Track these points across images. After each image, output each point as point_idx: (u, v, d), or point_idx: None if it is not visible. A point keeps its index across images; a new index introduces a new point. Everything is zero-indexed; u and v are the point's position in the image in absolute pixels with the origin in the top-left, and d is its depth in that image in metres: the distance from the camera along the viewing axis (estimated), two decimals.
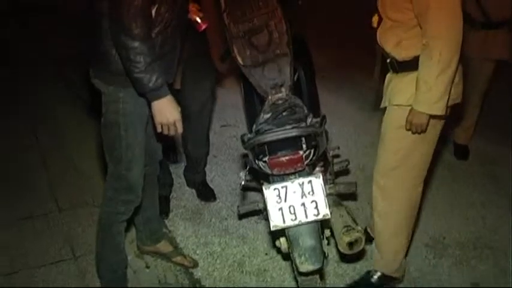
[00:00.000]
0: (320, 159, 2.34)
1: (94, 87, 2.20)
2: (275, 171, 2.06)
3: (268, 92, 2.34)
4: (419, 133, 2.20)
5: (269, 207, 2.08)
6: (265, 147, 2.07)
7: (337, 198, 2.36)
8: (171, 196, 3.25)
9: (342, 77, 4.96)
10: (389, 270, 2.56)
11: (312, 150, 2.06)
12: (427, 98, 2.07)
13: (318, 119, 2.19)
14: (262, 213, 2.32)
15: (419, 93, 2.09)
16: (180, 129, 2.10)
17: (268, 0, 2.40)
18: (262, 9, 2.41)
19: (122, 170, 2.23)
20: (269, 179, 2.16)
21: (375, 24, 2.34)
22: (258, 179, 2.34)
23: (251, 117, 2.86)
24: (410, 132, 2.22)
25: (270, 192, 2.08)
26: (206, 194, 3.31)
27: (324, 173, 2.57)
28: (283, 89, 2.33)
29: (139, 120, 2.18)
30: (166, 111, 2.03)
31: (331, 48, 5.24)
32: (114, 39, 1.95)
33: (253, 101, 2.85)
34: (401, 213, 2.43)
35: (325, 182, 2.34)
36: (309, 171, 2.14)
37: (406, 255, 2.60)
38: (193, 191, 3.36)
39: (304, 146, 2.06)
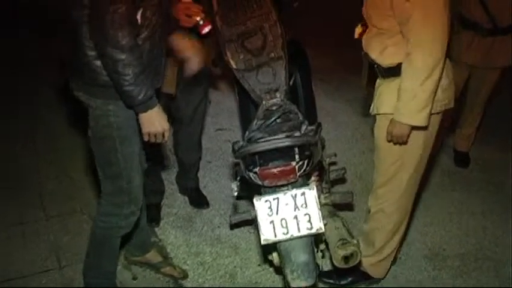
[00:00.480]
0: (315, 169, 2.23)
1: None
2: (266, 183, 1.97)
3: (262, 97, 2.25)
4: (400, 144, 2.16)
5: (260, 220, 2.00)
6: (256, 157, 1.98)
7: (332, 209, 2.27)
8: (162, 203, 3.15)
9: (339, 79, 4.86)
10: (375, 272, 2.54)
11: (306, 161, 1.97)
12: (408, 108, 2.03)
13: (313, 127, 2.11)
14: (254, 223, 2.20)
15: (400, 103, 2.04)
16: (167, 138, 2.02)
17: (263, 2, 2.33)
18: (256, 11, 2.33)
19: (123, 184, 2.11)
20: (260, 190, 2.07)
21: (357, 35, 2.30)
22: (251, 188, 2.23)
23: (245, 123, 2.75)
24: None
25: (261, 205, 1.99)
26: (199, 200, 3.20)
27: (320, 181, 2.48)
28: (277, 94, 2.25)
29: (133, 130, 2.06)
30: (156, 121, 1.94)
31: (329, 50, 5.14)
32: (99, 51, 1.82)
33: (247, 106, 2.73)
34: (398, 216, 2.40)
35: (321, 191, 2.28)
36: (302, 182, 2.05)
37: (395, 260, 2.59)
38: (186, 197, 3.25)
39: (297, 156, 1.97)
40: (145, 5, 1.85)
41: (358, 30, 2.30)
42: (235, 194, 2.07)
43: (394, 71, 2.10)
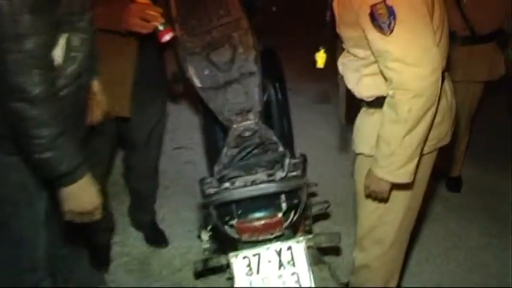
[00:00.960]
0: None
1: None
2: (245, 237, 1.73)
3: (232, 120, 2.04)
4: (379, 201, 1.91)
5: (236, 281, 1.75)
6: (233, 206, 1.73)
7: (317, 253, 2.04)
8: (112, 242, 2.86)
9: (313, 90, 4.64)
10: None
11: (293, 210, 1.75)
12: (389, 163, 1.73)
13: (297, 160, 1.88)
14: (225, 270, 1.96)
15: (380, 155, 1.74)
16: (98, 217, 1.64)
17: (231, 7, 2.12)
18: (224, 18, 2.12)
19: (24, 252, 1.80)
20: (237, 243, 1.82)
21: (320, 64, 2.00)
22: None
23: (212, 150, 2.51)
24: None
25: (238, 262, 1.75)
26: (156, 237, 2.95)
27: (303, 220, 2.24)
28: (251, 116, 2.04)
29: (42, 186, 1.71)
30: (83, 198, 1.56)
31: (301, 56, 4.93)
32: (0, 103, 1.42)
33: (214, 130, 2.50)
34: (385, 273, 2.15)
35: (302, 230, 2.11)
36: (288, 233, 1.81)
37: None
38: (140, 233, 2.99)
39: (284, 205, 1.73)
40: (72, 28, 1.48)
41: (320, 57, 1.99)
42: (206, 246, 1.86)
43: (374, 104, 1.83)
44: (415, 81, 1.58)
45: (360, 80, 1.84)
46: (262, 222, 1.69)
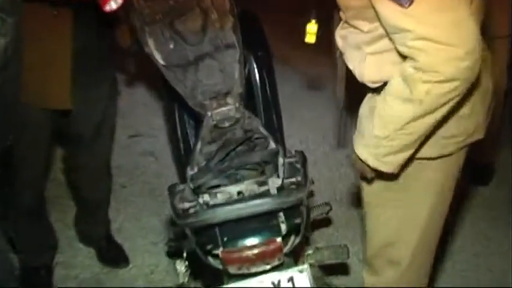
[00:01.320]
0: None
1: None
2: (233, 270, 1.65)
3: (206, 106, 1.98)
4: (362, 179, 1.92)
5: None
6: (217, 229, 1.67)
7: (320, 273, 1.95)
8: (54, 263, 2.83)
9: (303, 60, 4.58)
10: None
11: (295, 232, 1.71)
12: (377, 145, 1.68)
13: (293, 160, 1.80)
14: None
15: (368, 132, 1.70)
16: None
17: None
18: None
19: None
20: (221, 274, 1.75)
21: (311, 38, 1.97)
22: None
23: (178, 140, 2.47)
24: (398, 191, 1.88)
25: None
26: (111, 254, 2.94)
27: None
28: (229, 100, 2.01)
29: None
30: None
31: (289, 22, 4.90)
32: None
33: (180, 114, 2.48)
34: None
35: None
36: (288, 260, 1.75)
37: None
38: (92, 250, 2.97)
39: (283, 226, 1.66)
40: None
41: (311, 29, 1.95)
42: (184, 280, 1.80)
43: (380, 90, 1.75)
44: (450, 63, 1.47)
45: (362, 60, 1.76)
46: (256, 250, 1.63)
